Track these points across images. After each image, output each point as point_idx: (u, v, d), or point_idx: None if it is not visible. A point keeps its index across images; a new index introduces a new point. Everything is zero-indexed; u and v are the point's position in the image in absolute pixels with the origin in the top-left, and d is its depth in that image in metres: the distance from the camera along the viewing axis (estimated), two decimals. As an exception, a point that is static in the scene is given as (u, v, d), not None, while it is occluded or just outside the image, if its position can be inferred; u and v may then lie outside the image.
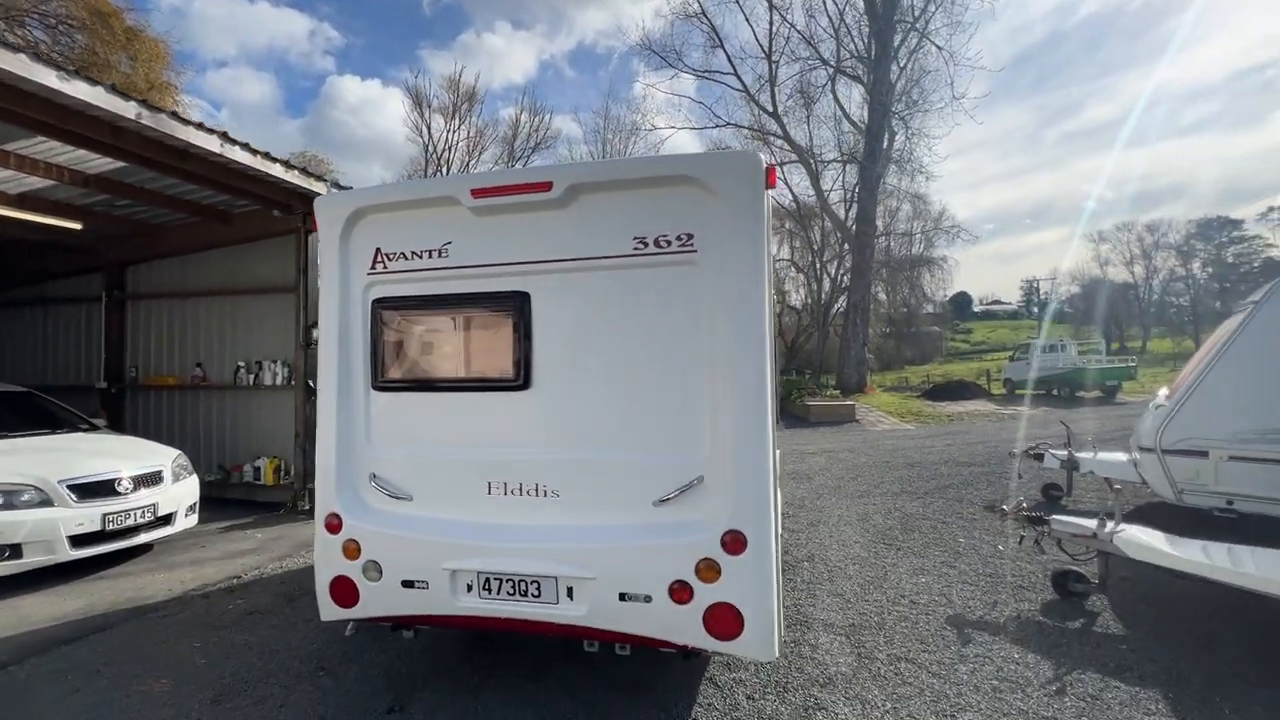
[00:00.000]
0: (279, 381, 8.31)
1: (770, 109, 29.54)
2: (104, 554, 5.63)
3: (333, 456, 3.46)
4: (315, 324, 7.95)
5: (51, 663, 4.10)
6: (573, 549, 3.10)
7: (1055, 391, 24.14)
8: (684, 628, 2.97)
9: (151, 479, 6.07)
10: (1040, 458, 8.07)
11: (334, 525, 3.41)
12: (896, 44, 25.22)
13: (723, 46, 29.71)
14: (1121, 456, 7.59)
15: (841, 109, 29.80)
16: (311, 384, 8.19)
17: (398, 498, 3.39)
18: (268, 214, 8.11)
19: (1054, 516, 5.04)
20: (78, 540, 5.40)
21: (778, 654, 2.98)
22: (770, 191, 3.06)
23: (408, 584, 3.30)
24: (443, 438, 3.41)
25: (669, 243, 3.08)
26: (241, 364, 8.53)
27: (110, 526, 5.60)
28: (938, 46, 25.56)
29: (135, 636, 4.48)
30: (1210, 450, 6.01)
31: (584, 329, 3.22)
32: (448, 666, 3.90)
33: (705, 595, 2.92)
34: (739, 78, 30.01)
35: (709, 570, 2.91)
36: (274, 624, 4.64)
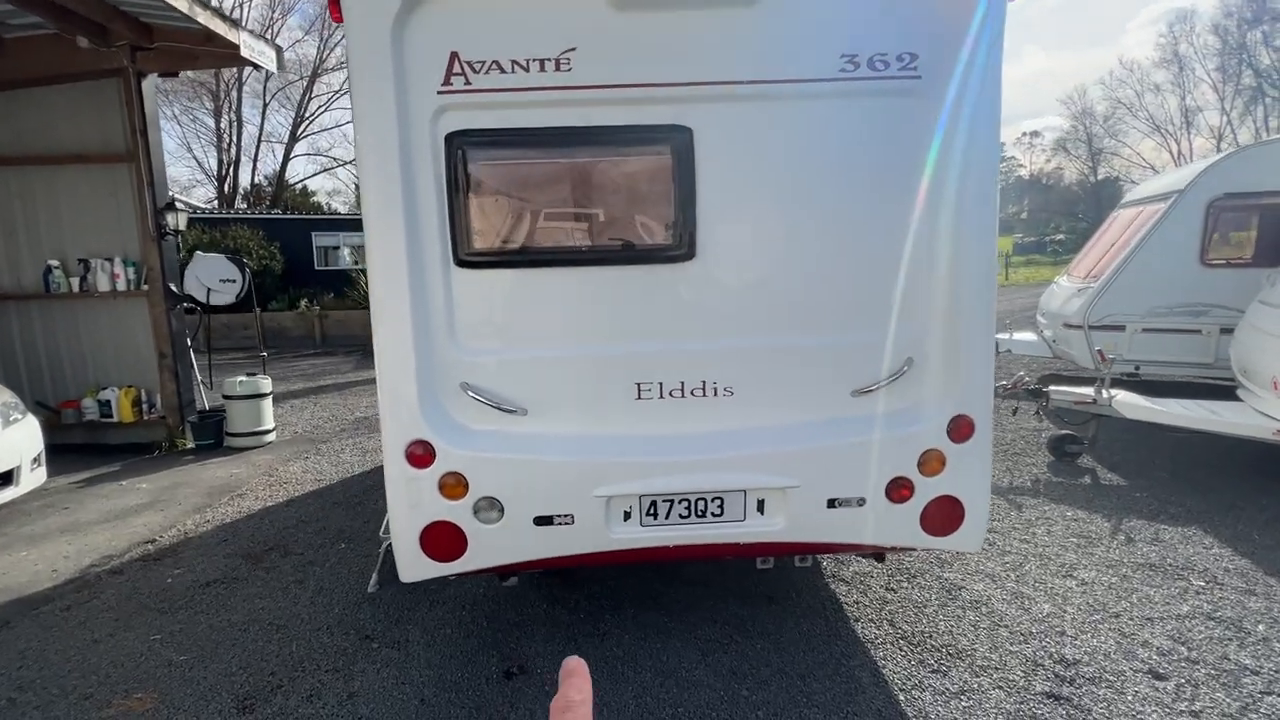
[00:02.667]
0: (122, 286, 6.15)
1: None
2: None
3: (409, 362, 2.42)
4: (170, 206, 5.95)
5: (-88, 702, 2.69)
6: (766, 455, 2.53)
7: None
8: (899, 528, 2.61)
9: (-30, 424, 4.20)
10: (963, 341, 8.84)
11: (422, 457, 2.45)
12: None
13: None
14: (1031, 336, 8.57)
15: None
16: (173, 288, 6.23)
17: (508, 411, 2.51)
18: (67, 43, 5.62)
19: (1052, 388, 5.45)
20: None
21: (982, 544, 2.76)
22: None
23: (543, 521, 2.52)
24: (566, 329, 2.54)
25: (886, 64, 2.39)
26: (55, 264, 6.14)
27: (-79, 496, 3.81)
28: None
29: (44, 640, 3.11)
30: (1128, 324, 6.89)
31: (767, 178, 2.48)
32: (540, 613, 3.22)
33: (926, 490, 2.56)
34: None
35: (933, 462, 2.54)
36: (252, 594, 3.52)
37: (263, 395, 6.39)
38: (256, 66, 5.97)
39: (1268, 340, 4.79)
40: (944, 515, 2.59)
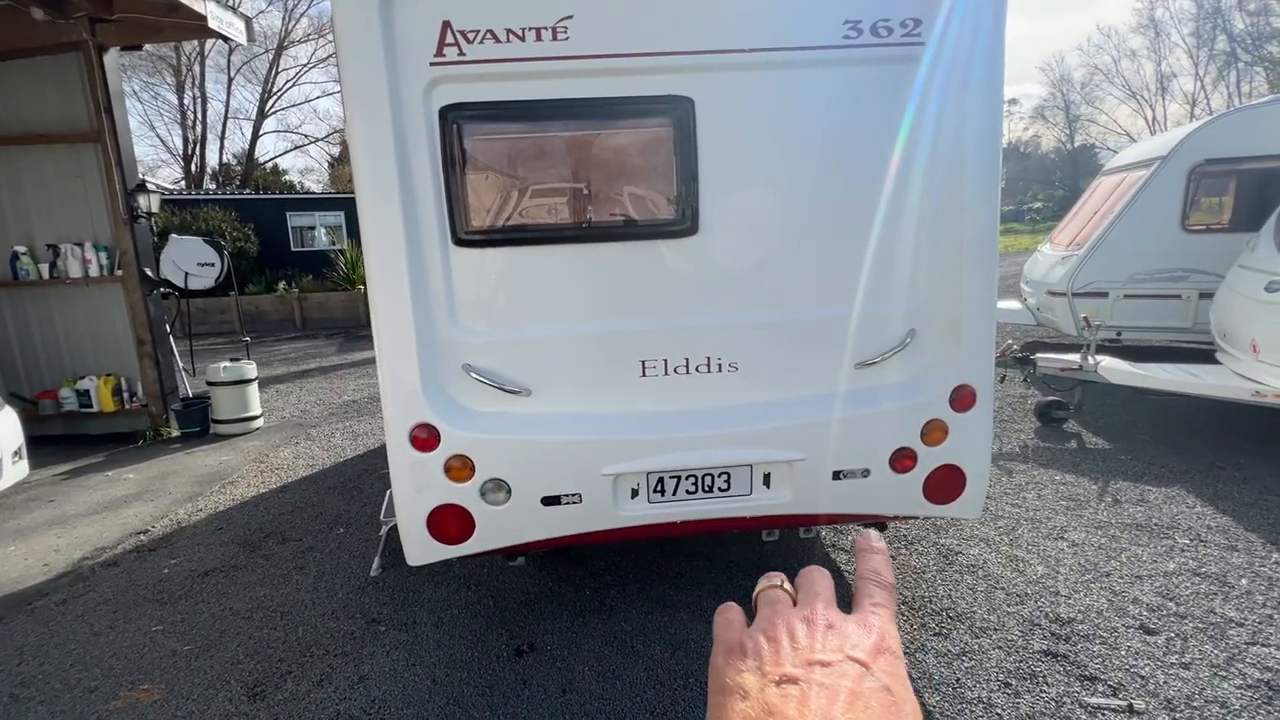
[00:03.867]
0: (95, 271, 5.94)
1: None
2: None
3: (409, 345, 2.38)
4: (141, 187, 5.75)
5: (-91, 702, 2.64)
6: (771, 429, 2.54)
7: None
8: (902, 498, 2.65)
9: (-55, 419, 4.07)
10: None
11: (427, 440, 2.42)
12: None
13: None
14: (1015, 304, 8.68)
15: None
16: (149, 272, 6.04)
17: (512, 392, 2.48)
18: (22, 14, 5.31)
19: (1039, 355, 5.54)
20: None
21: (982, 510, 2.82)
22: (1013, -33, 2.44)
23: (551, 501, 2.51)
24: (568, 307, 2.51)
25: (889, 31, 2.35)
26: (22, 250, 5.90)
27: (-100, 494, 3.69)
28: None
29: (42, 635, 3.06)
30: (1110, 291, 7.00)
31: (769, 149, 2.44)
32: (547, 590, 3.24)
33: (929, 460, 2.60)
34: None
35: (936, 432, 2.57)
36: (252, 581, 3.49)
37: (248, 381, 6.27)
38: (225, 39, 5.72)
39: (1247, 304, 4.89)
40: (946, 483, 2.64)
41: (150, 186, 5.92)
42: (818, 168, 2.46)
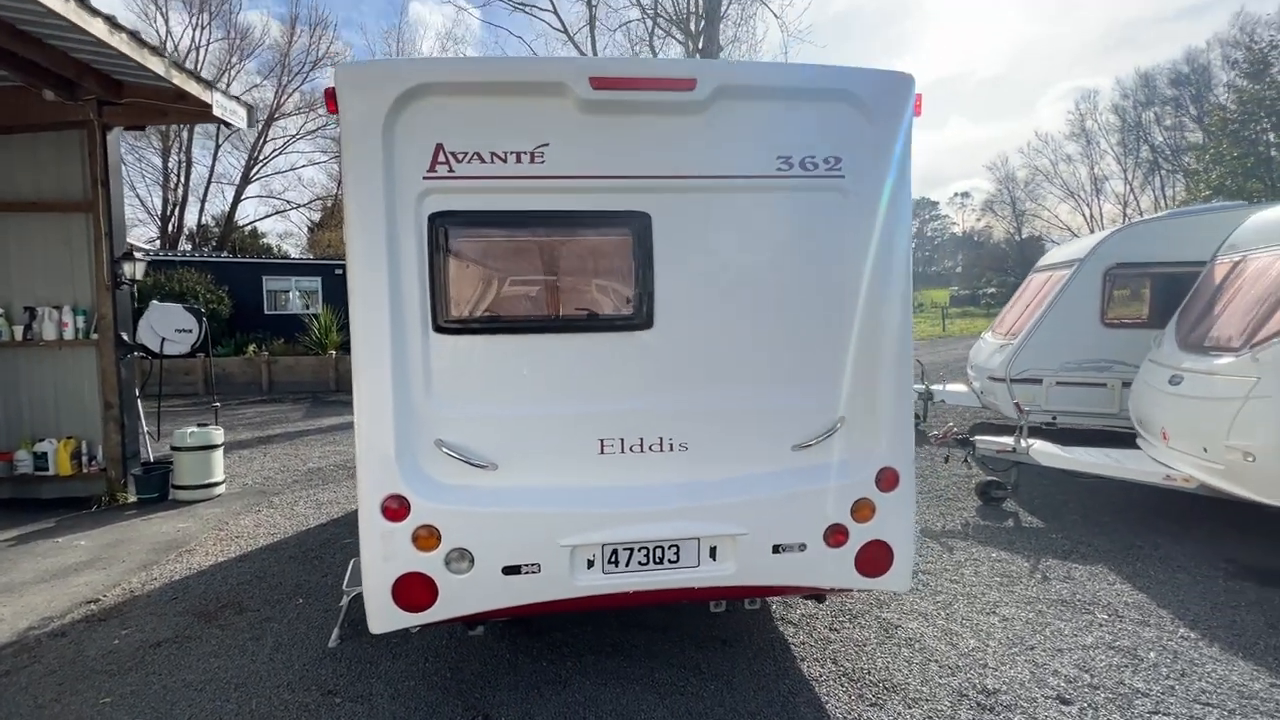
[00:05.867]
0: (70, 335, 6.03)
1: (591, 54, 28.82)
2: None
3: (387, 420, 2.60)
4: (128, 255, 5.97)
5: None
6: (717, 505, 2.78)
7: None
8: (835, 571, 2.88)
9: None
10: (901, 391, 9.43)
11: (397, 511, 2.60)
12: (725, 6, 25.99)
13: (540, -24, 27.93)
14: (963, 388, 9.23)
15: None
16: (125, 337, 6.15)
17: (479, 466, 2.70)
18: (31, 94, 5.66)
19: (977, 437, 5.95)
20: None
21: (911, 584, 3.05)
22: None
23: (511, 570, 2.68)
24: (535, 390, 2.77)
25: (815, 165, 2.81)
26: (-1, 310, 6.00)
27: None
28: (774, 14, 27.90)
29: (-17, 709, 3.01)
30: (1044, 378, 7.58)
31: (714, 258, 2.82)
32: (504, 661, 3.32)
33: (859, 536, 2.86)
34: (558, 15, 28.58)
35: (865, 509, 2.85)
36: (206, 653, 3.48)
37: (214, 446, 6.28)
38: (228, 125, 6.13)
39: (1157, 394, 5.41)
40: (876, 558, 2.89)
41: (137, 255, 6.12)
42: (757, 275, 2.84)
